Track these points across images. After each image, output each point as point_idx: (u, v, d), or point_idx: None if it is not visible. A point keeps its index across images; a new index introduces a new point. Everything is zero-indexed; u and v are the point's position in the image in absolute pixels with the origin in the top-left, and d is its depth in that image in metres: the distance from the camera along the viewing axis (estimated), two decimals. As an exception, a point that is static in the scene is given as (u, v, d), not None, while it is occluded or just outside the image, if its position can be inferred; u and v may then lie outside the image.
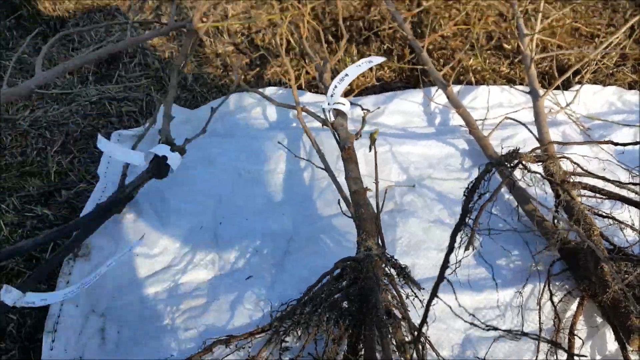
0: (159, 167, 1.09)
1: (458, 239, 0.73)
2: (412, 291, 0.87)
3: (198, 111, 1.37)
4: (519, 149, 0.76)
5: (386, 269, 0.91)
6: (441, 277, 0.72)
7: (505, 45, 1.56)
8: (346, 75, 1.11)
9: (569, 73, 1.18)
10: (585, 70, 1.36)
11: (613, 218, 0.89)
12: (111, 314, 0.99)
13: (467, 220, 0.75)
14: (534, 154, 0.75)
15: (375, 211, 0.96)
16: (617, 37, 1.38)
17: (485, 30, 1.62)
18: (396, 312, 0.88)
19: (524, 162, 0.74)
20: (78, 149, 1.34)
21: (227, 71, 1.59)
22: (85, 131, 1.39)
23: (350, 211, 0.98)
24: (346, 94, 1.31)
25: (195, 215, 1.13)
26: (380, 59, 1.17)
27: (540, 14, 1.24)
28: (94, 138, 1.36)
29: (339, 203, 1.01)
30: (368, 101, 1.36)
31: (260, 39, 1.68)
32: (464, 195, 0.75)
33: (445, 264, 0.71)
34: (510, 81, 1.45)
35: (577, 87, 1.29)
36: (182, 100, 1.49)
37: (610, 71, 1.43)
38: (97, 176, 1.25)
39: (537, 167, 0.97)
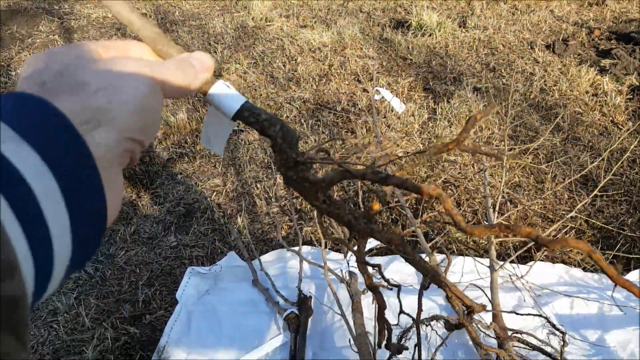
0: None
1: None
2: None
3: (253, 262, 1.83)
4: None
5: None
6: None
7: (486, 222, 2.03)
8: (358, 247, 1.59)
9: (520, 252, 1.64)
10: (544, 249, 1.81)
11: (537, 365, 1.28)
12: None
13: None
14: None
15: (373, 348, 1.37)
16: (563, 222, 1.84)
17: (472, 208, 2.11)
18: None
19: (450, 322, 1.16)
20: (159, 283, 1.81)
21: (272, 228, 2.09)
22: (165, 270, 1.87)
23: (357, 347, 1.39)
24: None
25: (244, 339, 1.55)
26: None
27: (495, 215, 1.71)
28: (171, 275, 1.85)
29: (349, 341, 1.43)
30: (375, 261, 1.81)
31: (299, 203, 2.20)
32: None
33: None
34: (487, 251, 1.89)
35: (531, 262, 1.72)
36: (236, 249, 1.98)
37: (564, 250, 1.87)
38: (171, 305, 1.71)
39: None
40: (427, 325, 1.23)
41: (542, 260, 1.77)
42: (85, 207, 0.30)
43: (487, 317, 1.50)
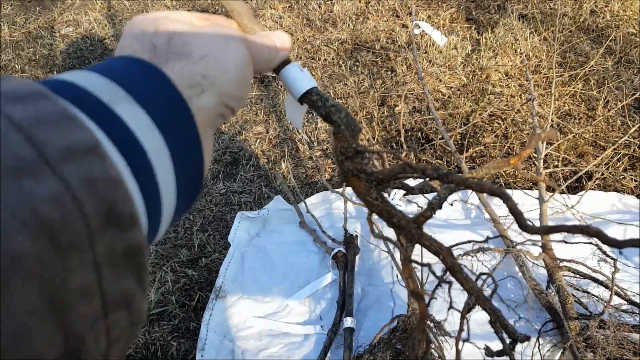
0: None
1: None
2: (444, 338, 1.29)
3: (299, 205, 1.87)
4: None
5: (427, 322, 1.34)
6: (461, 329, 1.15)
7: (534, 154, 1.98)
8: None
9: (570, 182, 1.60)
10: (595, 178, 1.76)
11: (587, 292, 1.28)
12: (237, 340, 1.47)
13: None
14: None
15: (420, 282, 1.40)
16: (614, 148, 1.78)
17: (520, 141, 2.06)
18: (433, 352, 1.29)
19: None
20: (212, 229, 1.89)
21: (316, 171, 2.11)
22: (216, 216, 1.94)
23: (404, 282, 1.42)
24: (405, 193, 1.79)
25: (295, 277, 1.61)
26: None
27: (543, 145, 1.66)
28: (222, 220, 1.92)
29: (396, 277, 1.46)
30: (421, 198, 1.82)
31: (342, 145, 2.21)
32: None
33: (461, 326, 1.14)
34: (536, 184, 1.86)
35: (582, 192, 1.68)
36: (282, 193, 2.02)
37: (617, 178, 1.81)
38: (225, 249, 1.78)
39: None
40: (472, 257, 1.24)
41: (593, 189, 1.73)
42: (187, 165, 0.32)
43: (536, 248, 1.49)
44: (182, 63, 0.34)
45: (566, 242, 1.23)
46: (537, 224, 1.50)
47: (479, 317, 1.38)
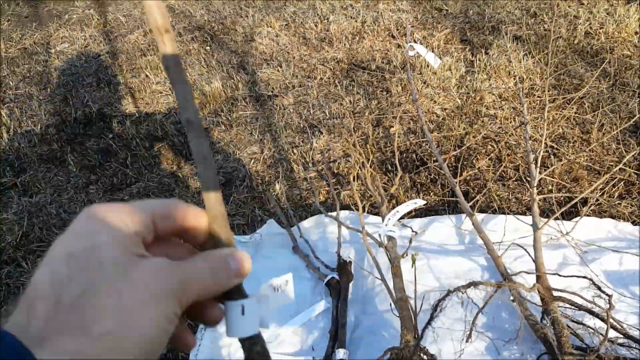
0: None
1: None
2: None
3: (292, 228, 1.85)
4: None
5: (421, 355, 1.32)
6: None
7: (528, 178, 1.97)
8: (397, 211, 1.58)
9: (565, 208, 1.59)
10: (590, 204, 1.75)
11: (583, 324, 1.26)
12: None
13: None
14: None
15: (414, 312, 1.38)
16: (611, 174, 1.78)
17: (513, 164, 2.05)
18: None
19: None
20: (203, 253, 1.86)
21: (311, 193, 2.10)
22: (208, 239, 1.92)
23: (397, 311, 1.40)
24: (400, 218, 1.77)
25: (286, 306, 1.59)
26: (422, 202, 1.63)
27: (537, 170, 1.65)
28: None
29: (390, 305, 1.44)
30: (415, 223, 1.80)
31: (336, 167, 2.20)
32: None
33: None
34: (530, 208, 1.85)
35: (577, 218, 1.67)
36: (275, 216, 2.00)
37: (613, 204, 1.80)
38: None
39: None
40: (463, 294, 1.22)
41: (588, 215, 1.72)
42: None
43: (530, 277, 1.47)
44: (74, 339, 0.30)
45: (559, 275, 1.22)
46: (531, 251, 1.49)
47: (473, 348, 1.37)
